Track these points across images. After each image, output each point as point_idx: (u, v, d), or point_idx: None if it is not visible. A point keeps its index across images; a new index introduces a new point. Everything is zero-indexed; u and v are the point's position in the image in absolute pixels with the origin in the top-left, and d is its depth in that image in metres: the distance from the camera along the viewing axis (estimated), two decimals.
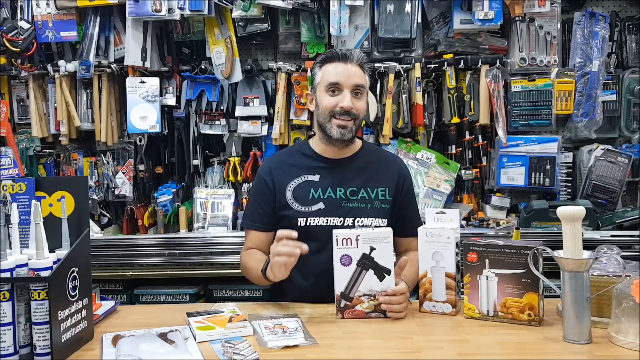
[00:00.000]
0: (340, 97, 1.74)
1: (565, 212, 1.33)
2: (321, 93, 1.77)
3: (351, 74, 1.74)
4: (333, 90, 1.74)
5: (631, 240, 2.47)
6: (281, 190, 1.79)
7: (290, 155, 1.88)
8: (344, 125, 1.74)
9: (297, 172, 1.81)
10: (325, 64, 1.78)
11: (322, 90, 1.77)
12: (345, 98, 1.73)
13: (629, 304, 1.28)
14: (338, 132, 1.74)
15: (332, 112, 1.74)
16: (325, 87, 1.75)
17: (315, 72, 1.81)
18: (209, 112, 2.80)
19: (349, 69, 1.75)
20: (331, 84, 1.74)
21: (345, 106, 1.72)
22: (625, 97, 2.81)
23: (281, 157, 1.91)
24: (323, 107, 1.76)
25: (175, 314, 1.57)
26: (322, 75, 1.77)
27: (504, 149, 2.78)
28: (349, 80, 1.73)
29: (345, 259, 1.51)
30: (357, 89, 1.75)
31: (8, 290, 1.23)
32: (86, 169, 2.87)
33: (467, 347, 1.34)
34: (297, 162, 1.84)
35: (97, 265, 2.55)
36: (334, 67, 1.76)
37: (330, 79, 1.74)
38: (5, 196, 1.42)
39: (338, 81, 1.74)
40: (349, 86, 1.74)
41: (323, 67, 1.78)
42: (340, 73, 1.74)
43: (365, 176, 1.81)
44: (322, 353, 1.30)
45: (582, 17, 2.75)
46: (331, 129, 1.75)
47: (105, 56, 2.79)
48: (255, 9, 2.65)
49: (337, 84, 1.74)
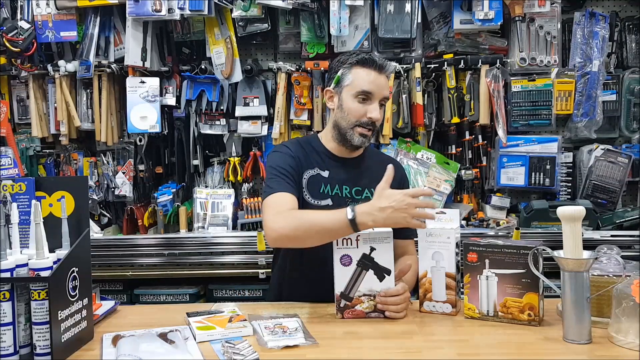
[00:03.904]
0: (369, 107, 1.70)
1: (565, 212, 1.33)
2: (349, 97, 1.72)
3: (383, 85, 1.71)
4: (364, 98, 1.70)
5: (631, 240, 2.47)
6: (301, 174, 1.75)
7: (306, 145, 1.83)
8: (365, 135, 1.72)
9: (311, 164, 1.78)
10: (357, 67, 1.71)
11: (351, 94, 1.71)
12: (375, 109, 1.69)
13: (629, 304, 1.28)
14: (360, 140, 1.72)
15: (358, 120, 1.70)
16: (355, 92, 1.70)
17: (344, 73, 1.73)
18: (209, 112, 2.80)
19: (382, 79, 1.71)
20: (364, 91, 1.69)
21: (374, 117, 1.69)
22: (625, 97, 2.81)
23: (296, 146, 1.83)
24: (350, 112, 1.71)
25: (175, 314, 1.57)
26: (353, 79, 1.71)
27: (504, 149, 2.78)
28: (381, 92, 1.70)
29: (345, 259, 1.51)
30: (384, 100, 1.73)
31: (8, 290, 1.23)
32: (86, 169, 2.87)
33: (467, 347, 1.34)
34: (310, 154, 1.80)
35: (97, 265, 2.55)
36: (368, 74, 1.70)
37: (363, 86, 1.69)
38: (5, 196, 1.42)
39: (371, 91, 1.69)
40: (379, 97, 1.70)
41: (354, 70, 1.71)
42: (373, 82, 1.69)
43: (369, 177, 1.80)
44: (322, 353, 1.30)
45: (582, 17, 2.75)
46: (353, 136, 1.72)
47: (105, 56, 2.79)
48: (255, 9, 2.66)
49: (369, 93, 1.69)
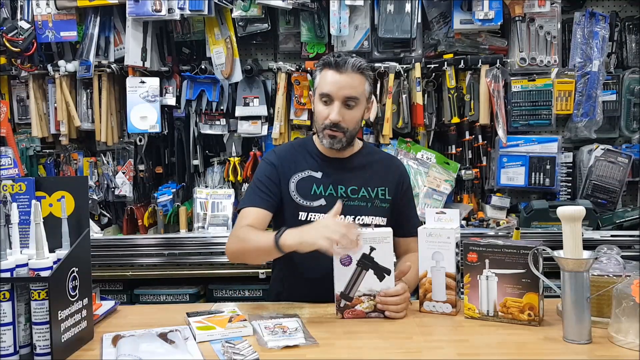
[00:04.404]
0: (330, 109, 1.70)
1: (565, 212, 1.33)
2: (316, 100, 1.74)
3: (343, 84, 1.68)
4: (325, 100, 1.71)
5: (631, 240, 2.47)
6: (286, 179, 1.78)
7: (296, 149, 1.86)
8: (333, 136, 1.71)
9: (301, 166, 1.80)
10: (323, 69, 1.73)
11: (317, 97, 1.74)
12: (333, 111, 1.69)
13: (629, 304, 1.28)
14: (328, 142, 1.72)
15: (323, 123, 1.72)
16: (318, 95, 1.72)
17: (315, 75, 1.78)
18: (209, 112, 2.80)
19: (341, 78, 1.68)
20: (323, 94, 1.70)
21: (332, 119, 1.68)
22: (625, 97, 2.81)
23: (288, 148, 1.88)
24: (316, 115, 1.75)
25: (175, 314, 1.56)
26: (319, 82, 1.74)
27: (504, 149, 2.78)
28: (339, 92, 1.68)
29: (345, 259, 1.51)
30: (349, 100, 1.70)
31: (8, 290, 1.23)
32: (86, 169, 2.87)
33: (467, 347, 1.34)
34: (302, 156, 1.82)
35: (97, 265, 2.55)
36: (328, 75, 1.70)
37: (323, 88, 1.70)
38: (5, 196, 1.42)
39: (329, 92, 1.69)
40: (340, 98, 1.69)
41: (322, 73, 1.73)
42: (331, 83, 1.69)
43: (365, 176, 1.81)
44: (322, 353, 1.30)
45: (582, 17, 2.75)
46: (323, 138, 1.74)
47: (105, 56, 2.79)
48: (255, 9, 2.66)
49: (328, 95, 1.70)
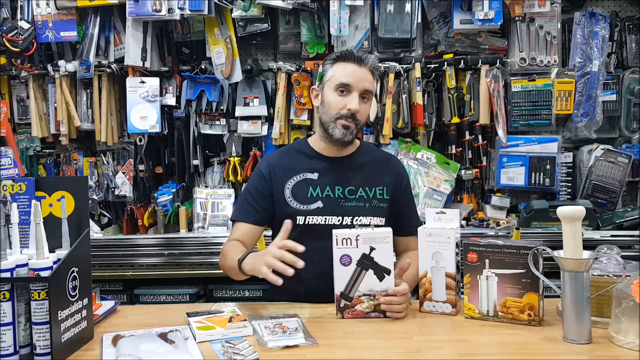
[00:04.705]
0: (348, 99, 1.72)
1: (565, 212, 1.33)
2: (329, 91, 1.76)
3: (363, 77, 1.73)
4: (342, 90, 1.73)
5: (631, 240, 2.47)
6: (279, 187, 1.79)
7: (290, 154, 1.88)
8: (347, 126, 1.73)
9: (295, 170, 1.81)
10: (338, 62, 1.76)
11: (331, 88, 1.75)
12: (353, 100, 1.72)
13: (629, 304, 1.28)
14: (341, 132, 1.73)
15: (338, 112, 1.73)
16: (335, 85, 1.74)
17: (326, 69, 1.79)
18: (209, 112, 2.80)
19: (361, 72, 1.73)
20: (342, 84, 1.73)
21: (352, 108, 1.71)
22: (625, 97, 2.81)
23: (280, 155, 1.90)
24: (330, 106, 1.75)
25: (175, 314, 1.56)
26: (333, 74, 1.76)
27: (504, 149, 2.78)
28: (359, 84, 1.72)
29: (345, 259, 1.51)
30: (366, 93, 1.75)
31: (8, 290, 1.23)
32: (86, 169, 2.87)
33: (467, 347, 1.34)
34: (296, 160, 1.83)
35: (97, 265, 2.55)
36: (347, 67, 1.74)
37: (341, 79, 1.73)
38: (5, 196, 1.42)
39: (349, 82, 1.72)
40: (359, 89, 1.73)
41: (335, 65, 1.76)
42: (352, 74, 1.72)
43: (363, 175, 1.81)
44: (322, 353, 1.30)
45: (582, 17, 2.75)
46: (334, 129, 1.74)
47: (105, 56, 2.79)
48: (255, 9, 2.65)
49: (347, 85, 1.72)
